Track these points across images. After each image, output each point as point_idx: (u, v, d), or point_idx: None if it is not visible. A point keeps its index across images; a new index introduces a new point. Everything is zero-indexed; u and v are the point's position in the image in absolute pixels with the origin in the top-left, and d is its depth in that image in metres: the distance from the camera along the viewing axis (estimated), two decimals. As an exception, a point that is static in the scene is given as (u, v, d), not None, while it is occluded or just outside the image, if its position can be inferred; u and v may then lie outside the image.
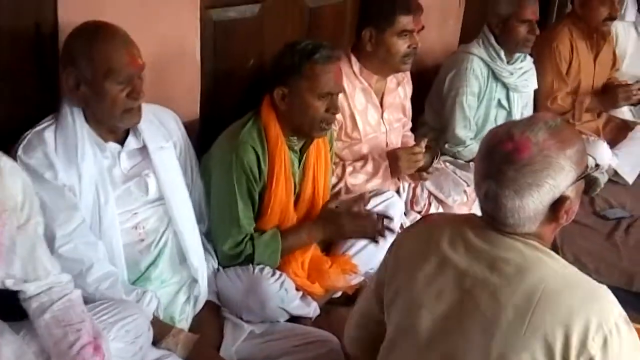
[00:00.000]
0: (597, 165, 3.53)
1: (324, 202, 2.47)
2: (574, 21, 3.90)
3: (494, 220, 1.46)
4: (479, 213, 1.55)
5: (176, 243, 2.09)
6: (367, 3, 2.77)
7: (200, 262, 2.13)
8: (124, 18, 2.08)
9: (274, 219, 2.32)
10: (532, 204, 1.40)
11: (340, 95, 2.70)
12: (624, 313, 1.39)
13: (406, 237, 1.70)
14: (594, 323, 1.33)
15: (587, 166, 1.49)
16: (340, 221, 2.43)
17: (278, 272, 2.28)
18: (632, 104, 4.13)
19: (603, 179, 3.92)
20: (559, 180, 1.40)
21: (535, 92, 3.70)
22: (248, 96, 2.55)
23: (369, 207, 2.60)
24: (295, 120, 2.28)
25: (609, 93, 4.02)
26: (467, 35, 3.60)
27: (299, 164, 2.38)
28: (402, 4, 2.71)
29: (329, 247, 2.58)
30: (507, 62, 3.34)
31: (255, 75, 2.72)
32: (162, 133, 2.10)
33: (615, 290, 2.93)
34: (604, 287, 1.41)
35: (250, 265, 2.27)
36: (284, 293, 2.23)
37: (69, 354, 1.61)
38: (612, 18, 3.85)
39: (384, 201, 2.62)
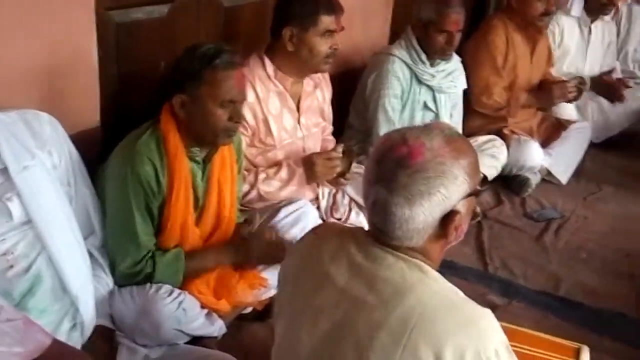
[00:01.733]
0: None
1: (231, 214, 2.35)
2: (509, 15, 3.84)
3: (381, 232, 1.38)
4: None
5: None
6: (287, 1, 2.66)
7: (83, 288, 1.98)
8: (9, 24, 1.95)
9: (174, 235, 2.20)
10: (422, 214, 1.33)
11: (253, 99, 2.61)
12: (505, 341, 1.32)
13: (293, 251, 1.61)
14: (471, 349, 1.25)
15: (479, 182, 1.42)
16: (251, 249, 2.32)
17: (177, 291, 2.15)
18: (568, 101, 4.09)
19: (535, 179, 3.88)
20: (451, 190, 1.34)
21: (469, 88, 3.63)
22: (158, 102, 2.42)
23: (280, 216, 2.50)
24: (196, 130, 2.15)
25: (545, 90, 3.98)
26: (399, 35, 3.51)
27: (203, 176, 2.26)
28: (326, 3, 2.62)
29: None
30: (430, 65, 3.26)
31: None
32: (31, 146, 1.91)
33: (540, 295, 2.96)
34: (487, 311, 1.33)
35: (148, 284, 2.14)
36: (182, 313, 2.11)
37: None
38: (547, 13, 3.79)
39: (296, 211, 2.53)
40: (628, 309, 2.93)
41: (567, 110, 4.30)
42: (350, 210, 2.89)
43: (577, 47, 4.44)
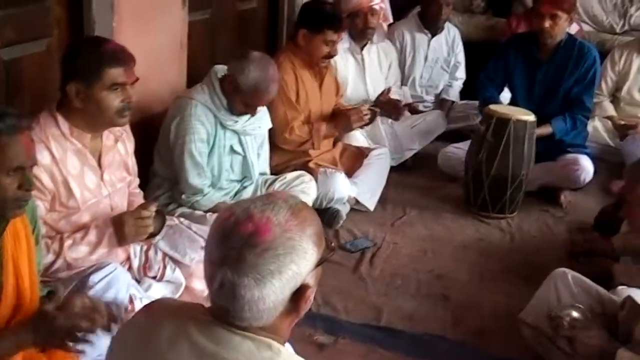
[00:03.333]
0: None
1: (33, 292, 2.10)
2: (294, 51, 3.87)
3: (226, 313, 1.29)
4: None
5: None
6: (70, 54, 2.46)
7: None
8: None
9: (-33, 324, 1.93)
10: (273, 294, 1.26)
11: (49, 161, 2.38)
12: None
13: (122, 335, 1.47)
14: None
15: (325, 249, 1.37)
16: (55, 322, 2.06)
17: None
18: (365, 124, 4.19)
19: (345, 209, 3.94)
20: (302, 265, 1.28)
21: (271, 128, 3.61)
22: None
23: (89, 284, 2.29)
24: (-21, 206, 1.90)
25: (342, 117, 4.05)
26: (196, 76, 3.42)
27: (-4, 256, 2.00)
28: (110, 55, 2.43)
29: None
30: (232, 112, 3.21)
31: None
32: None
33: (364, 328, 2.98)
34: None
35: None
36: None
37: None
38: (330, 56, 3.88)
39: (105, 277, 2.33)
40: (447, 331, 3.04)
41: (356, 138, 4.43)
42: (165, 266, 2.73)
43: (356, 73, 4.62)
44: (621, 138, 5.00)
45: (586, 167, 4.37)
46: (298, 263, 1.28)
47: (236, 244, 1.26)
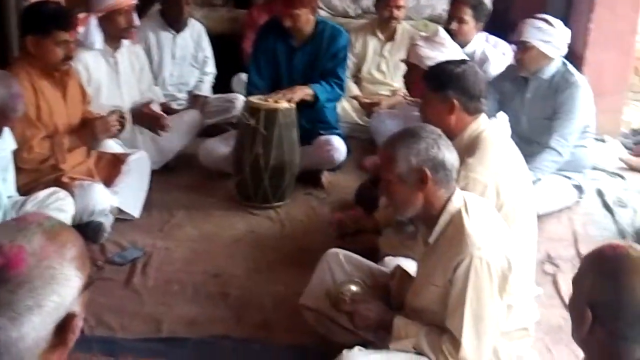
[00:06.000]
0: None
1: None
2: (29, 61, 3.51)
3: None
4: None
5: None
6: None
7: None
8: None
9: None
10: (33, 332, 1.11)
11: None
12: None
13: None
14: None
15: (91, 270, 1.24)
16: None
17: None
18: (114, 135, 3.96)
19: (108, 221, 3.73)
20: (65, 294, 1.15)
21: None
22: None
23: None
24: None
25: (87, 127, 3.78)
26: None
27: None
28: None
29: None
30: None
31: None
32: None
33: (144, 343, 2.83)
34: None
35: None
36: None
37: None
38: (69, 58, 3.60)
39: None
40: (231, 330, 2.99)
41: (109, 145, 4.18)
42: None
43: (109, 79, 4.31)
44: (368, 115, 5.30)
45: (339, 147, 4.55)
46: (60, 293, 1.15)
47: None
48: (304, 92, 4.28)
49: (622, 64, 5.73)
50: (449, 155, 2.30)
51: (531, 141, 4.01)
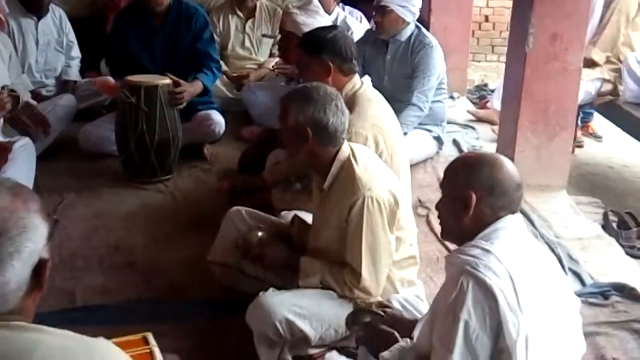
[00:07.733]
0: None
1: None
2: None
3: None
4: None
5: None
6: None
7: None
8: None
9: None
10: (16, 276, 1.29)
11: None
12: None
13: None
14: None
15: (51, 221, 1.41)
16: None
17: None
18: (8, 112, 3.96)
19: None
20: (36, 241, 1.32)
21: None
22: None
23: None
24: None
25: None
26: None
27: None
28: None
29: None
30: None
31: None
32: None
33: (62, 313, 2.93)
34: (101, 339, 1.37)
35: None
36: None
37: None
38: None
39: None
40: (142, 294, 3.17)
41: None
42: None
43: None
44: (238, 89, 5.53)
45: (218, 120, 4.79)
46: (33, 239, 1.32)
47: None
48: (196, 90, 4.47)
49: (463, 27, 6.34)
50: (335, 119, 2.53)
51: (394, 99, 4.35)
